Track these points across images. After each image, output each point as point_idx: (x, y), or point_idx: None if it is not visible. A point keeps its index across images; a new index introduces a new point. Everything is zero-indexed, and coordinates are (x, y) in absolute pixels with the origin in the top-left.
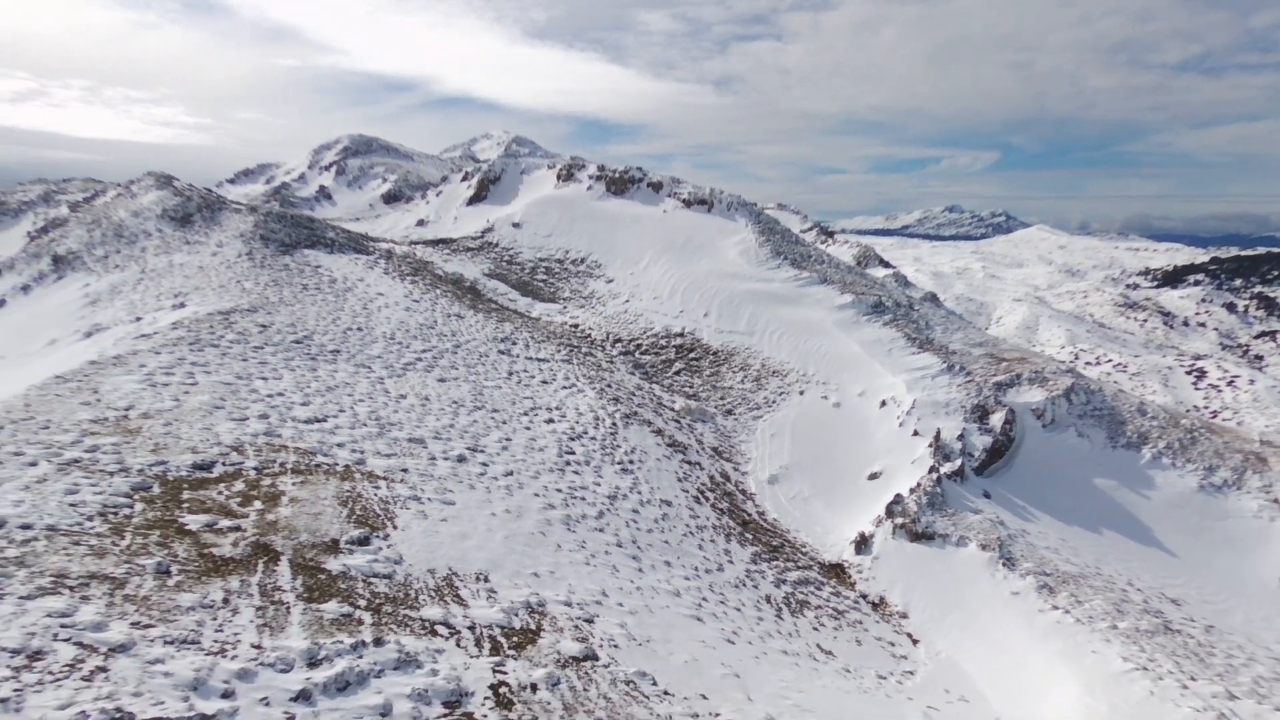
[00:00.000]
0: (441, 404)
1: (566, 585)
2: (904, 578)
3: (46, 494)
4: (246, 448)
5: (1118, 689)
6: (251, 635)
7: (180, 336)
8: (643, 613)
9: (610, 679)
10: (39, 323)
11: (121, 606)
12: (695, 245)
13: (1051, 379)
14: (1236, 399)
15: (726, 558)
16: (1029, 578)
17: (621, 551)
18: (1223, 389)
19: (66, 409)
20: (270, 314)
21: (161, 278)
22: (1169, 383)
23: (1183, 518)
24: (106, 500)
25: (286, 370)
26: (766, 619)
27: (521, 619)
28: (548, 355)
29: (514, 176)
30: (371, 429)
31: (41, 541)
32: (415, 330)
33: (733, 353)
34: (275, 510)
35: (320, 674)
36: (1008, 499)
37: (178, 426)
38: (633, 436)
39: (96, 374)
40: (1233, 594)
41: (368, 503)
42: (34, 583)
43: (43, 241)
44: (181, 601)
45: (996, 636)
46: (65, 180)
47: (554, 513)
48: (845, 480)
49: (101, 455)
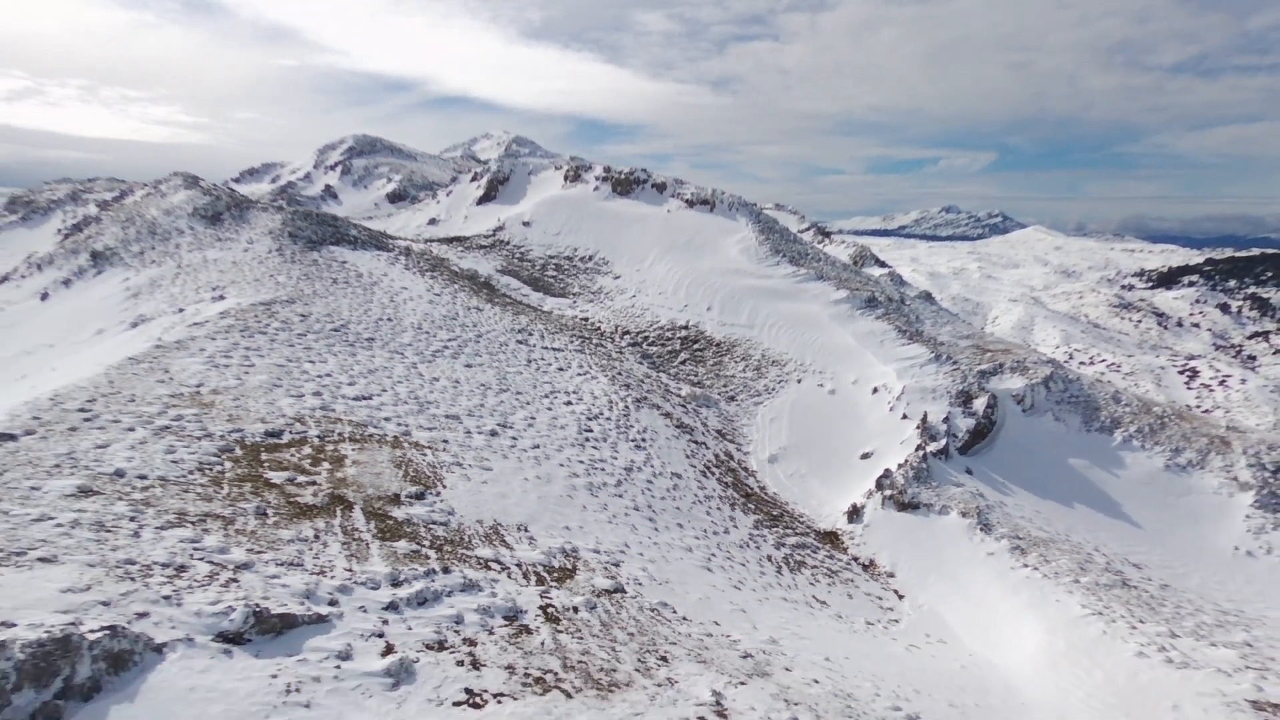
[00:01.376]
0: (470, 386)
1: (594, 537)
2: (891, 543)
3: (150, 453)
4: (307, 419)
5: (1075, 630)
6: (342, 562)
7: (230, 324)
8: (660, 562)
9: (638, 606)
10: (84, 314)
11: (235, 537)
12: (698, 243)
13: (1032, 368)
14: (1228, 398)
15: (731, 523)
16: (1003, 541)
17: (639, 514)
18: (1215, 388)
19: (145, 385)
20: (308, 305)
21: (197, 272)
22: (1162, 382)
23: (1149, 494)
24: (200, 459)
25: (330, 355)
26: (768, 573)
27: (559, 560)
28: (562, 345)
29: (522, 177)
30: (412, 406)
31: (157, 489)
32: (440, 321)
33: (735, 344)
34: (341, 470)
35: (402, 591)
36: (988, 475)
37: (245, 401)
38: (644, 418)
39: (164, 356)
40: (1191, 561)
41: (418, 466)
42: (162, 518)
43: (79, 238)
44: (281, 535)
45: (972, 591)
46: (90, 180)
47: (578, 480)
48: (839, 460)
49: (187, 423)
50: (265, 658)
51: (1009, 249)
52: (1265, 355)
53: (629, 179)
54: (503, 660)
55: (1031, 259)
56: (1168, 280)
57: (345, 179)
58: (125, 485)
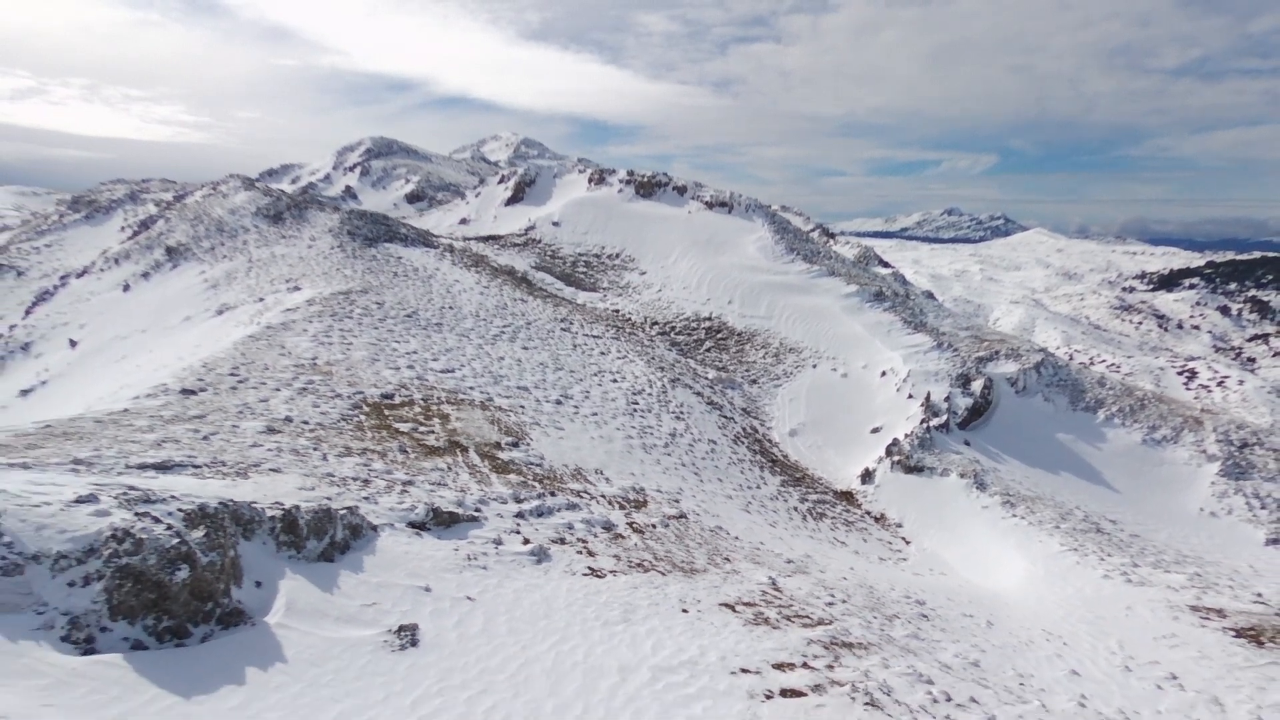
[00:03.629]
0: (530, 365)
1: (654, 482)
2: (899, 499)
3: (301, 406)
4: (409, 385)
5: (1053, 561)
6: (475, 485)
7: (320, 310)
8: (708, 503)
9: (700, 527)
10: (169, 303)
11: (391, 465)
12: (718, 242)
13: (1025, 355)
14: (1226, 399)
15: (762, 481)
16: (995, 497)
17: (685, 469)
18: (1213, 389)
19: (271, 357)
20: (379, 295)
21: (268, 266)
22: (1160, 383)
23: (1127, 464)
24: (341, 412)
25: (409, 337)
26: (795, 520)
27: (631, 495)
28: (599, 333)
29: (547, 180)
30: (487, 379)
31: (320, 431)
32: (493, 310)
33: (755, 334)
34: (449, 424)
35: (525, 506)
36: (984, 447)
37: (355, 370)
38: (679, 395)
39: (276, 335)
40: (1161, 520)
41: (507, 424)
42: (335, 450)
43: (151, 235)
44: (424, 465)
45: (968, 537)
46: (144, 180)
47: (633, 441)
48: (852, 433)
49: (319, 386)
50: (444, 540)
51: (1011, 251)
52: (1264, 357)
53: (651, 182)
54: (609, 552)
55: (1033, 261)
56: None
57: (364, 180)
58: (296, 427)
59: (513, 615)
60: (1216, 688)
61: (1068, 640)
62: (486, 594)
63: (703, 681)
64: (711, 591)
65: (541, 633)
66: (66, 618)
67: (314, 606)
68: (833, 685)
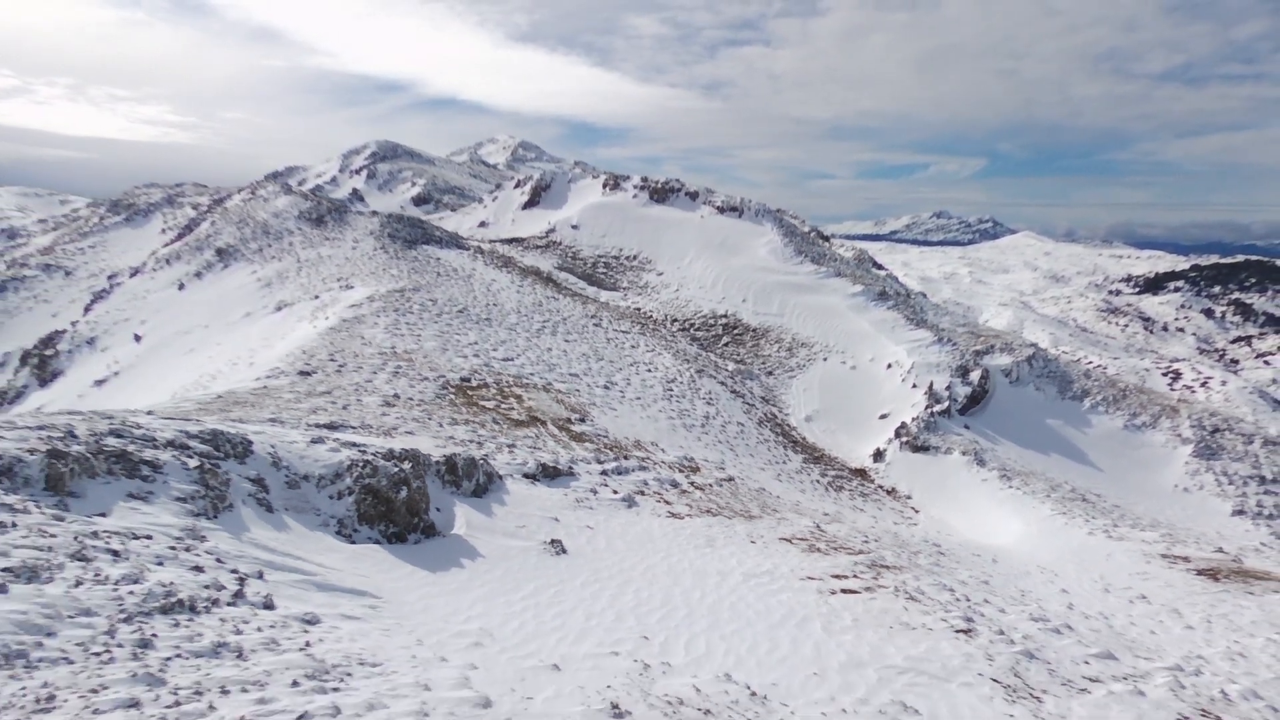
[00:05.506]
0: (575, 355)
1: (700, 454)
2: (908, 475)
3: (400, 386)
4: (481, 371)
5: (1044, 523)
6: (561, 450)
7: (383, 306)
8: (747, 473)
9: (746, 488)
10: (227, 300)
11: (490, 433)
12: (730, 245)
13: (1018, 349)
14: (1209, 399)
15: (786, 458)
16: (994, 471)
17: (722, 445)
18: (1196, 389)
19: (355, 346)
20: (430, 292)
21: (317, 266)
22: (1145, 383)
23: (1110, 446)
24: (434, 391)
25: (467, 330)
26: (819, 490)
27: (686, 463)
28: (627, 329)
29: (562, 185)
30: (542, 367)
31: (425, 405)
32: (530, 307)
33: (768, 330)
34: (524, 403)
35: (606, 466)
36: (981, 430)
37: (431, 358)
38: (706, 384)
39: (352, 328)
40: (1140, 495)
41: (570, 403)
42: (444, 420)
43: (199, 237)
44: (517, 434)
45: (970, 505)
46: (178, 184)
47: (674, 421)
48: (862, 420)
49: (407, 370)
50: (553, 488)
51: (999, 254)
52: (1247, 359)
53: (664, 188)
54: (681, 502)
55: (1021, 264)
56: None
57: (371, 183)
58: (405, 403)
59: (625, 539)
60: (1177, 604)
61: (1058, 573)
62: (600, 525)
63: (781, 582)
64: (771, 530)
65: (650, 551)
66: (335, 519)
67: (483, 525)
68: (879, 588)
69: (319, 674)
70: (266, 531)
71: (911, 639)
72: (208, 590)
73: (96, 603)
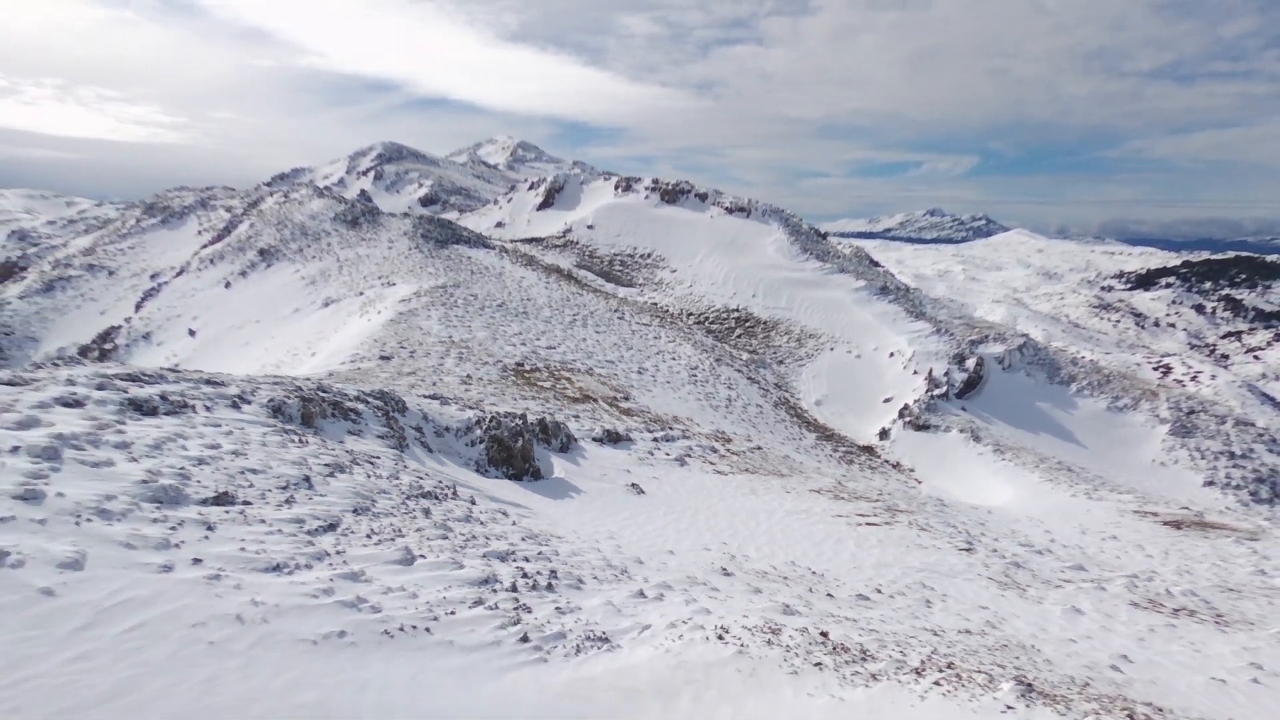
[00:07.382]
0: (606, 345)
1: (729, 429)
2: (911, 451)
3: (469, 369)
4: (531, 358)
5: (1033, 488)
6: (617, 422)
7: (430, 300)
8: (770, 445)
9: (774, 455)
10: (274, 297)
11: (557, 406)
12: (739, 243)
13: (1010, 339)
14: (1199, 393)
15: (801, 435)
16: (988, 446)
17: (745, 423)
18: (1186, 383)
19: (416, 336)
20: (469, 289)
21: (357, 265)
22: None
23: (1094, 426)
24: (498, 373)
25: (509, 321)
26: (833, 462)
27: (719, 435)
28: (647, 321)
29: (575, 187)
30: (581, 355)
31: (496, 385)
32: (559, 302)
33: (778, 322)
34: (574, 385)
35: (657, 435)
36: (977, 412)
37: (486, 346)
38: (725, 371)
39: (408, 320)
40: (1121, 468)
41: (613, 385)
42: (515, 395)
43: (240, 238)
44: (576, 409)
45: (967, 476)
46: (208, 188)
47: (702, 402)
48: (868, 403)
49: (469, 357)
50: (618, 450)
51: (992, 252)
52: (1237, 354)
53: (675, 189)
54: (723, 464)
55: (1014, 261)
56: (1146, 282)
57: (378, 184)
58: (478, 381)
59: (685, 486)
60: (1142, 542)
61: (1043, 521)
62: (661, 477)
63: (817, 517)
64: (800, 484)
65: (707, 495)
66: (473, 462)
67: (575, 472)
68: (895, 523)
69: (530, 537)
70: (436, 464)
71: (924, 554)
72: (438, 487)
73: (383, 489)
